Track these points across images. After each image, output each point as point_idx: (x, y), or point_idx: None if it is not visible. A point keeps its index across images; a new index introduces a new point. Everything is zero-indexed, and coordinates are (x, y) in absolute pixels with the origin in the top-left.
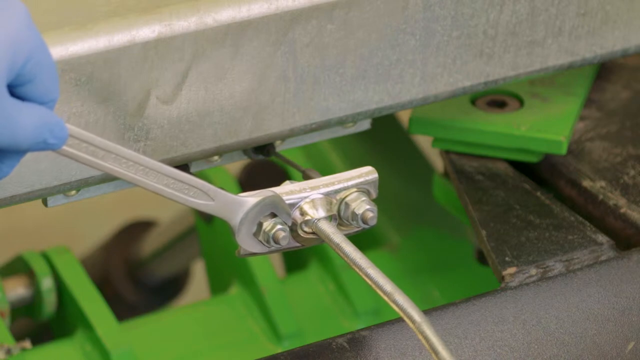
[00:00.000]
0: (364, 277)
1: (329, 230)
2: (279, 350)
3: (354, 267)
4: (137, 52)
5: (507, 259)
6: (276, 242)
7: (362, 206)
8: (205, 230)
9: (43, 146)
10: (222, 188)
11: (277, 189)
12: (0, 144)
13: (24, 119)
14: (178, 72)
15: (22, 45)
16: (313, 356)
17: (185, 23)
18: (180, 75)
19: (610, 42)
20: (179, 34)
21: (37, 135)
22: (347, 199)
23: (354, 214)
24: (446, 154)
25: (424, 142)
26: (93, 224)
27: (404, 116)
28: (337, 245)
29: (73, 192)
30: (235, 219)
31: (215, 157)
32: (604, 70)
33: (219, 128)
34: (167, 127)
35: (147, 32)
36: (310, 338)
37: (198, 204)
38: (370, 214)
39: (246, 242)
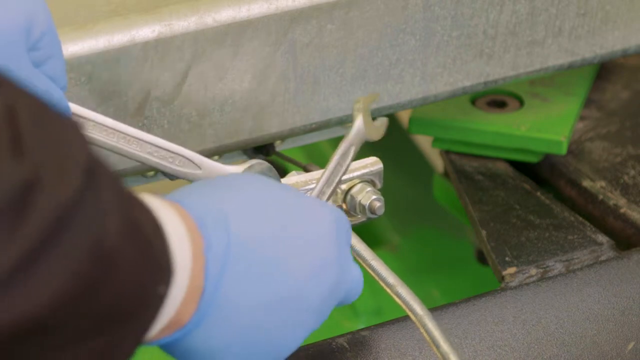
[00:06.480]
0: (367, 268)
1: None
2: None
3: (357, 258)
4: (137, 52)
5: (507, 259)
6: None
7: (369, 196)
8: None
9: None
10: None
11: (282, 180)
12: None
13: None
14: (178, 72)
15: (38, 17)
16: (313, 356)
17: (185, 23)
18: (180, 75)
19: (610, 42)
20: (179, 34)
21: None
22: (353, 189)
23: (361, 205)
24: (446, 154)
25: (424, 142)
26: None
27: (404, 116)
28: None
29: None
30: None
31: (215, 157)
32: (604, 70)
33: (219, 128)
34: (167, 127)
35: (147, 32)
36: (310, 338)
37: (184, 172)
38: (377, 204)
39: None
